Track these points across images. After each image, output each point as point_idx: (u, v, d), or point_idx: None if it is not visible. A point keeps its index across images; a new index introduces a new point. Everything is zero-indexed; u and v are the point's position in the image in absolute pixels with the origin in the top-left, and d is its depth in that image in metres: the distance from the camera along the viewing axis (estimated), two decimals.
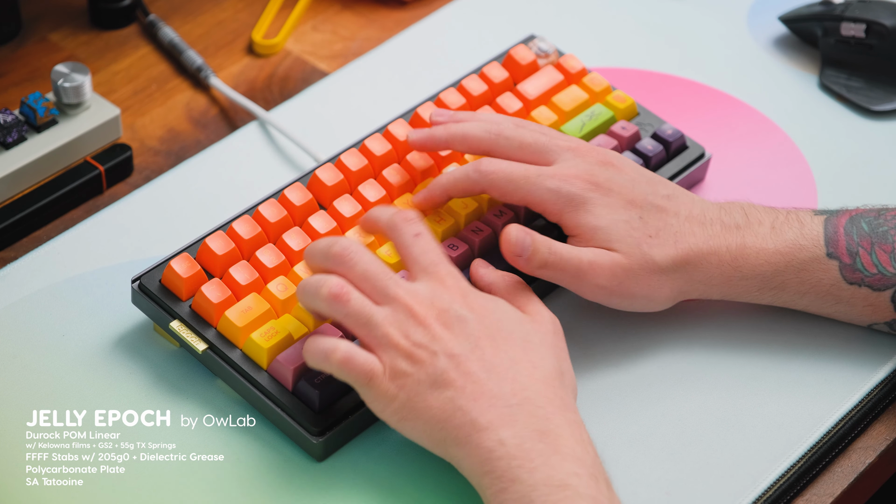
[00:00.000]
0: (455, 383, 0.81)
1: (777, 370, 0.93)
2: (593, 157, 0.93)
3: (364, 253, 0.85)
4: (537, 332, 0.85)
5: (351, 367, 0.82)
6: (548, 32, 1.14)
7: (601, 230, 0.90)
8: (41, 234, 1.01)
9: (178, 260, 0.90)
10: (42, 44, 1.14)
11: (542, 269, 0.90)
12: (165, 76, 1.13)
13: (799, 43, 1.17)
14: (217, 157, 1.05)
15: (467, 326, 0.83)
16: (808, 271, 0.91)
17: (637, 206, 0.91)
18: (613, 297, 0.91)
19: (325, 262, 0.85)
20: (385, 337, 0.82)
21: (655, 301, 0.92)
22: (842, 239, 0.91)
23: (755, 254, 0.91)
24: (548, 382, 0.83)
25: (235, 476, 0.86)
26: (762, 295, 0.93)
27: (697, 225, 0.92)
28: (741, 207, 0.93)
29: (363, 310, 0.83)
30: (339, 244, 0.85)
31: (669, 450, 0.89)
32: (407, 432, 0.83)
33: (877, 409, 0.92)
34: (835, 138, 1.10)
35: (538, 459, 0.79)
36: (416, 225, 0.87)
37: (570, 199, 0.91)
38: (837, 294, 0.92)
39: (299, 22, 1.19)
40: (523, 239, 0.90)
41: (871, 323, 0.93)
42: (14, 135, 1.02)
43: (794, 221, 0.92)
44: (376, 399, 0.83)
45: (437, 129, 0.95)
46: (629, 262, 0.90)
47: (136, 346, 0.92)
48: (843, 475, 0.90)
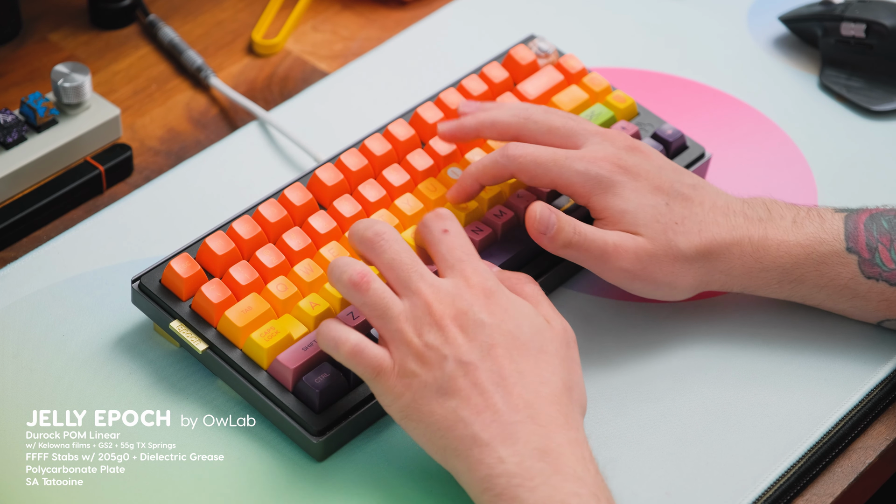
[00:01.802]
0: (460, 392, 0.81)
1: (777, 370, 0.93)
2: (621, 142, 0.93)
3: (396, 241, 0.85)
4: (554, 341, 0.84)
5: (360, 359, 0.82)
6: (548, 32, 1.14)
7: (629, 213, 0.90)
8: (41, 234, 1.01)
9: (178, 260, 0.90)
10: (42, 44, 1.14)
11: (566, 248, 0.90)
12: (165, 76, 1.13)
13: (799, 43, 1.17)
14: (217, 157, 1.05)
15: (483, 331, 0.82)
16: (828, 265, 0.92)
17: (664, 193, 0.91)
18: (636, 281, 0.91)
19: (359, 245, 0.85)
20: (398, 332, 0.82)
21: (677, 289, 0.92)
22: (862, 235, 0.92)
23: (776, 246, 0.92)
24: (554, 399, 0.82)
25: (235, 476, 0.86)
26: (781, 288, 0.93)
27: (721, 215, 0.92)
28: (763, 202, 0.94)
29: (381, 301, 0.83)
30: (374, 228, 0.85)
31: (669, 450, 0.89)
32: (409, 431, 0.82)
33: (877, 409, 0.93)
34: (835, 138, 1.10)
35: (538, 479, 0.78)
36: (444, 221, 0.86)
37: (598, 181, 0.91)
38: (855, 288, 0.92)
39: (299, 22, 1.19)
40: (548, 216, 0.90)
41: (883, 319, 0.93)
42: (14, 135, 1.02)
43: (815, 217, 0.93)
44: (383, 393, 0.82)
45: (466, 119, 0.96)
46: (654, 248, 0.90)
47: (136, 346, 0.92)
48: (843, 475, 0.90)
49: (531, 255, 0.95)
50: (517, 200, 0.96)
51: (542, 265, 0.95)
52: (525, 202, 0.96)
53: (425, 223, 0.87)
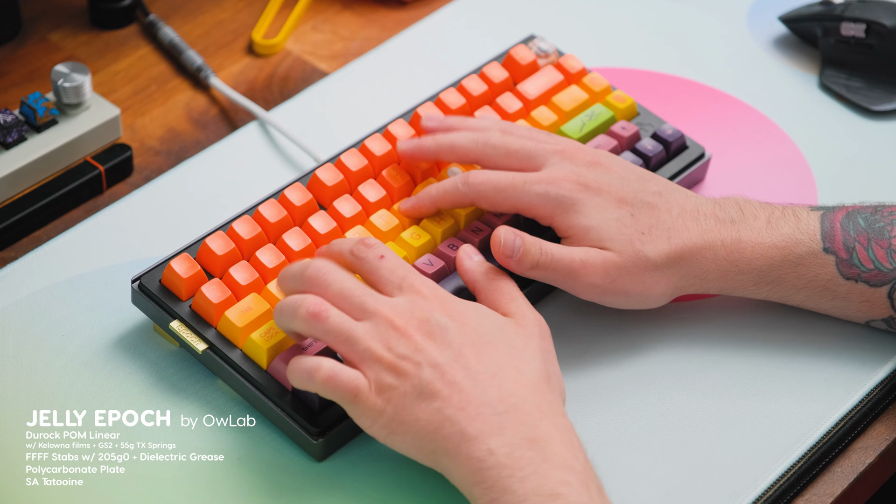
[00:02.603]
0: (441, 393, 0.81)
1: (777, 370, 0.93)
2: (581, 158, 0.93)
3: (338, 272, 0.85)
4: (521, 335, 0.85)
5: (336, 384, 0.82)
6: (548, 32, 1.14)
7: (593, 229, 0.90)
8: (41, 234, 1.01)
9: (178, 260, 0.90)
10: (42, 44, 1.14)
11: (533, 269, 0.90)
12: (165, 76, 1.13)
13: (799, 43, 1.17)
14: (217, 157, 1.05)
15: (448, 334, 0.83)
16: (805, 266, 0.91)
17: (628, 204, 0.91)
18: (608, 294, 0.91)
19: (301, 286, 0.85)
20: (367, 351, 0.82)
21: (651, 298, 0.92)
22: (838, 234, 0.92)
23: (751, 248, 0.91)
24: (535, 387, 0.82)
25: (235, 476, 0.86)
26: (759, 289, 0.93)
27: (691, 220, 0.92)
28: (736, 202, 0.93)
29: (343, 326, 0.83)
30: (313, 266, 0.85)
31: (669, 450, 0.89)
32: (397, 446, 0.82)
33: (877, 409, 0.92)
34: (835, 138, 1.10)
35: (528, 468, 0.79)
36: (378, 248, 0.86)
37: (559, 201, 0.91)
38: (834, 290, 0.92)
39: (299, 22, 1.19)
40: (513, 240, 0.90)
41: (869, 319, 0.93)
42: (14, 135, 1.02)
43: (791, 216, 0.93)
44: (363, 414, 0.82)
45: (426, 140, 0.95)
46: (622, 260, 0.90)
47: (136, 346, 0.92)
48: (843, 475, 0.90)
49: None
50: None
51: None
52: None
53: (357, 255, 0.86)
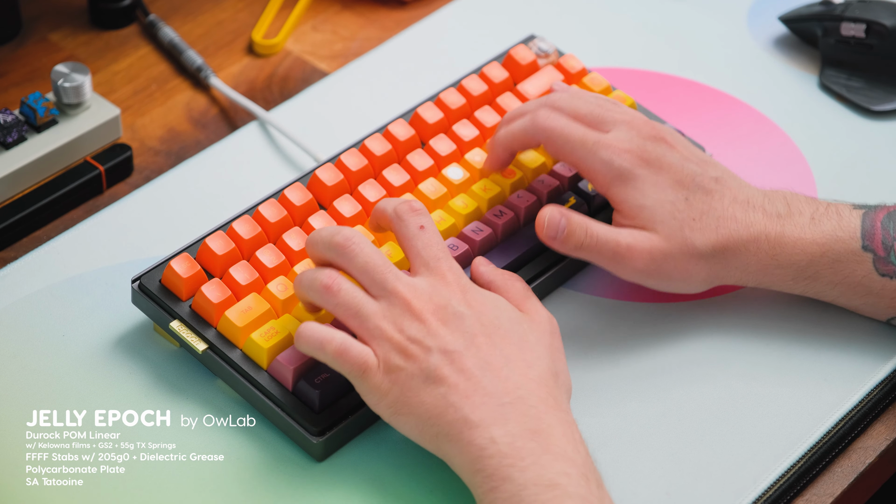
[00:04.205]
0: (448, 380, 0.81)
1: (777, 370, 0.93)
2: (647, 130, 0.93)
3: (366, 245, 0.85)
4: (534, 330, 0.85)
5: (345, 357, 0.82)
6: (548, 32, 1.14)
7: (646, 209, 0.91)
8: (41, 234, 1.01)
9: (178, 260, 0.90)
10: (42, 44, 1.14)
11: (578, 251, 0.90)
12: (165, 76, 1.13)
13: (799, 43, 1.17)
14: (217, 157, 1.05)
15: (464, 323, 0.83)
16: (843, 262, 0.92)
17: (685, 187, 0.91)
18: (650, 278, 0.91)
19: (327, 252, 0.85)
20: (377, 329, 0.82)
21: (691, 284, 0.92)
22: (878, 233, 0.92)
23: (792, 243, 0.92)
24: (541, 381, 0.83)
25: (235, 476, 0.86)
26: (795, 284, 0.93)
27: (741, 210, 0.92)
28: (784, 196, 0.94)
29: (353, 301, 0.83)
30: (343, 234, 0.85)
31: (669, 450, 0.89)
32: (400, 427, 0.83)
33: (877, 408, 0.93)
34: (835, 138, 1.10)
35: (529, 458, 0.79)
36: (422, 217, 0.86)
37: (619, 173, 0.91)
38: (868, 285, 0.92)
39: (299, 22, 1.19)
40: (557, 221, 0.90)
41: (893, 317, 0.94)
42: (14, 135, 1.02)
43: (833, 214, 0.93)
44: (370, 392, 0.82)
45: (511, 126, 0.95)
46: (668, 246, 0.90)
47: (136, 346, 0.92)
48: (843, 475, 0.90)
49: (531, 255, 0.95)
50: (517, 200, 0.96)
51: (542, 265, 0.95)
52: (525, 202, 0.96)
53: (400, 216, 0.86)
